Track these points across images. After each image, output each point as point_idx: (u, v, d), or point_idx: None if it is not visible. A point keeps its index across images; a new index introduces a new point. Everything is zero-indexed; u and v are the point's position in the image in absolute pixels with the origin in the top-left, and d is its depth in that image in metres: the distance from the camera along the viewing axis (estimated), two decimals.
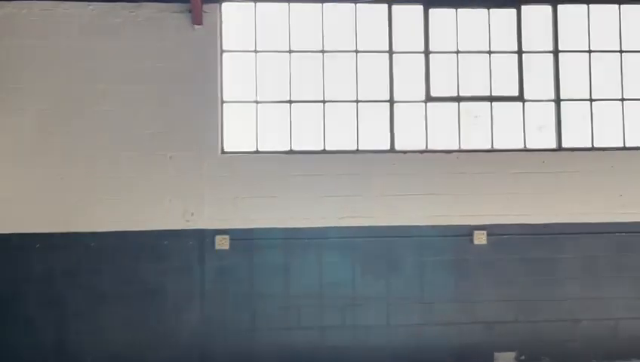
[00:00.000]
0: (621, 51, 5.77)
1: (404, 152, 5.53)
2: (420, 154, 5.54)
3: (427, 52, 5.61)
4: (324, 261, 5.36)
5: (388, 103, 5.56)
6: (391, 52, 5.59)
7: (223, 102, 5.46)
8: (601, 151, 5.64)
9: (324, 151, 5.51)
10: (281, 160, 5.43)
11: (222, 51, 5.47)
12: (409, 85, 5.66)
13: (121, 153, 5.26)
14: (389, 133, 5.55)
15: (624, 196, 5.55)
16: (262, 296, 5.28)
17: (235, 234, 5.25)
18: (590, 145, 5.68)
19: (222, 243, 5.25)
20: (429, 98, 5.59)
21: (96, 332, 5.14)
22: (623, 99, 5.74)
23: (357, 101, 5.57)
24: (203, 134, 5.34)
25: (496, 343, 5.43)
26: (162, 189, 5.27)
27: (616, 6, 5.74)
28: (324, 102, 5.53)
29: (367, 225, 5.42)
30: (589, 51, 5.75)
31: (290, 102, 5.50)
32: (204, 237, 5.27)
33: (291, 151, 5.47)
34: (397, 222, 5.44)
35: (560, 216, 5.48)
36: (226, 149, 5.43)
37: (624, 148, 5.66)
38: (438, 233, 5.44)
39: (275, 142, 5.54)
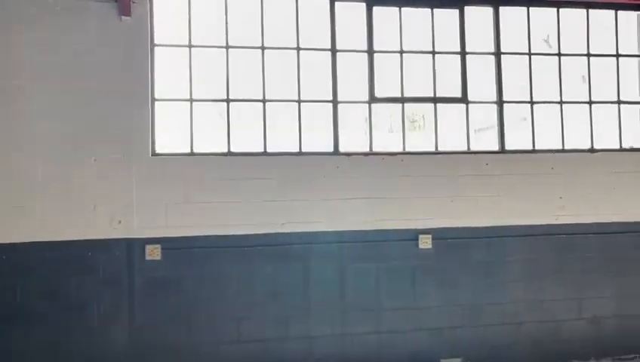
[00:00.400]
0: (559, 55, 5.83)
1: (348, 155, 5.32)
2: (365, 157, 5.35)
3: (371, 51, 5.43)
4: (265, 270, 5.06)
5: (331, 104, 5.34)
6: (334, 50, 5.37)
7: (154, 100, 5.03)
8: (542, 154, 5.66)
9: (264, 153, 5.20)
10: (217, 162, 5.07)
11: (153, 45, 5.05)
12: (353, 85, 5.47)
13: (39, 156, 4.74)
14: (332, 135, 5.33)
15: (564, 198, 5.59)
16: (197, 310, 4.91)
17: (168, 244, 4.85)
18: (532, 148, 5.70)
19: (153, 253, 4.84)
20: (373, 99, 5.42)
21: (6, 359, 4.59)
22: (561, 102, 5.79)
23: (299, 101, 5.30)
24: (132, 135, 4.91)
25: (443, 349, 5.32)
26: (86, 195, 4.79)
27: (555, 9, 5.79)
28: (264, 101, 5.22)
29: (310, 230, 5.17)
30: (529, 54, 5.77)
31: (227, 100, 5.16)
32: (133, 246, 4.83)
33: (229, 153, 5.13)
34: (341, 227, 5.22)
35: (503, 219, 5.45)
36: (157, 151, 5.02)
37: (563, 151, 5.71)
38: (384, 238, 5.27)
39: (211, 143, 5.19)
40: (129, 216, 4.83)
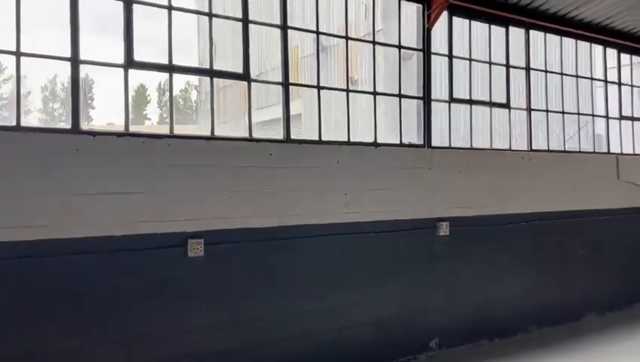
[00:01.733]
0: (347, 38, 5.38)
1: (94, 134, 3.96)
2: (118, 139, 4.05)
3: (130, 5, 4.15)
4: None
5: (69, 62, 3.90)
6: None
7: None
8: (328, 146, 5.11)
9: None
10: None
11: None
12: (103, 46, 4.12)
13: None
14: (70, 106, 3.89)
15: (349, 195, 5.13)
16: None
17: None
18: (318, 139, 5.11)
19: None
20: (130, 63, 4.14)
21: None
22: (348, 90, 5.35)
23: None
24: None
25: None
26: None
27: None
28: None
29: (40, 238, 3.68)
30: (317, 32, 5.19)
31: None
32: None
33: None
34: (82, 233, 3.84)
35: (289, 218, 4.73)
36: None
37: (349, 143, 5.26)
38: (141, 245, 4.06)
39: None
40: None
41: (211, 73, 4.53)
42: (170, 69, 4.30)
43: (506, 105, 6.44)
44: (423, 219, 5.59)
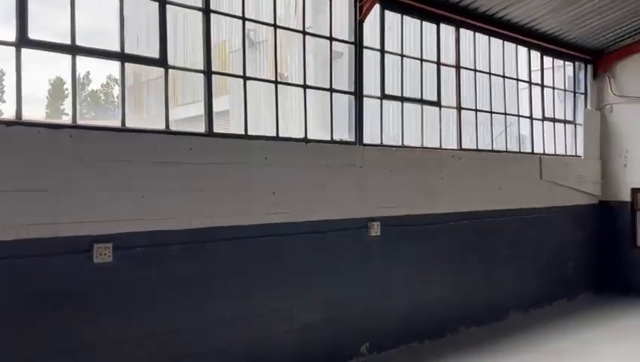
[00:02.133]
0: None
1: None
2: (7, 128, 3.49)
3: None
4: None
5: None
6: None
7: None
8: (254, 141, 4.76)
9: None
10: None
11: None
12: None
13: None
14: None
15: (277, 194, 4.80)
16: None
17: None
18: (243, 133, 4.75)
19: None
20: (24, 41, 3.58)
21: None
22: (276, 82, 5.02)
23: None
24: None
25: None
26: None
27: None
28: None
29: None
30: (243, 19, 4.83)
31: None
32: None
33: None
34: None
35: (211, 219, 4.32)
36: None
37: (277, 139, 4.93)
38: (38, 251, 3.53)
39: None
40: None
41: (122, 57, 4.04)
42: (73, 50, 3.77)
43: (437, 104, 6.36)
44: (354, 218, 5.36)
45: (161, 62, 4.20)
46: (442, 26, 6.39)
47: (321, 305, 5.07)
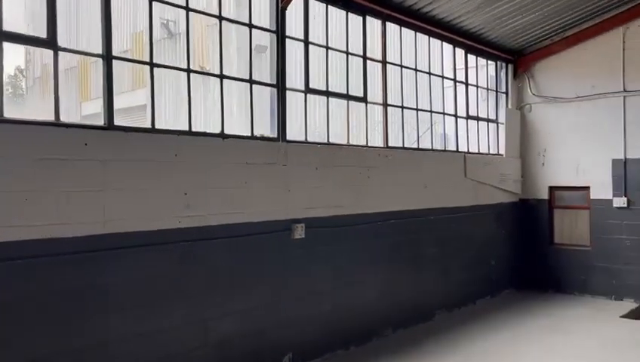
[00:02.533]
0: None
1: None
2: None
3: None
4: None
5: None
6: None
7: None
8: (163, 135, 4.26)
9: None
10: None
11: None
12: None
13: None
14: None
15: (189, 195, 4.33)
16: None
17: None
18: (151, 126, 4.23)
19: None
20: None
21: None
22: (189, 71, 4.54)
23: None
24: None
25: None
26: None
27: None
28: None
29: None
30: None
31: None
32: None
33: None
34: None
35: (110, 224, 3.78)
36: None
37: (190, 133, 4.45)
38: None
39: None
40: None
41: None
42: None
43: (363, 99, 6.12)
44: (276, 220, 4.99)
45: (50, 43, 3.60)
46: (368, 18, 6.15)
47: (239, 315, 4.66)
